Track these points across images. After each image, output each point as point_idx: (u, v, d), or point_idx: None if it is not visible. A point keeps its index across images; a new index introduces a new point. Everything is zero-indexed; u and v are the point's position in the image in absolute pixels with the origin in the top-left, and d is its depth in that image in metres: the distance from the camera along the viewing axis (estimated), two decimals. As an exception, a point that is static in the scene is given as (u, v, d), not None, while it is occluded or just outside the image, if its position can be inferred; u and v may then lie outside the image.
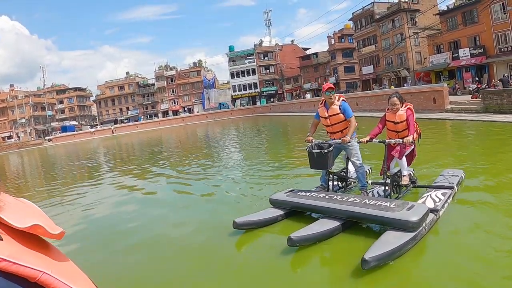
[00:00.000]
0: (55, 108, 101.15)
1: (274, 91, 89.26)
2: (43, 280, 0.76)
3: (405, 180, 6.75)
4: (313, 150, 6.83)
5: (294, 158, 15.00)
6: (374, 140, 6.84)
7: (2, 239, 0.74)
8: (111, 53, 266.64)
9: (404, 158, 6.77)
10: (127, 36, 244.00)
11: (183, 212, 8.81)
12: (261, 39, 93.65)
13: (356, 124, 6.99)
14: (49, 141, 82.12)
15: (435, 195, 6.37)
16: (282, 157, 15.86)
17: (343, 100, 6.98)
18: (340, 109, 6.88)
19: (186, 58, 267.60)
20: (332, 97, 6.93)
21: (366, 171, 7.26)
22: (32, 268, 0.74)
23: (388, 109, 6.89)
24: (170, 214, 8.87)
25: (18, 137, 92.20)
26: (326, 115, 7.00)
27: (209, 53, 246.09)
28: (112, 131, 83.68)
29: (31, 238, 0.83)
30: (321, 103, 7.19)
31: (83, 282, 0.87)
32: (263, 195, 8.69)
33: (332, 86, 7.06)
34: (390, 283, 4.38)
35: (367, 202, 5.73)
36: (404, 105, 6.75)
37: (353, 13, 66.02)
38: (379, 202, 5.66)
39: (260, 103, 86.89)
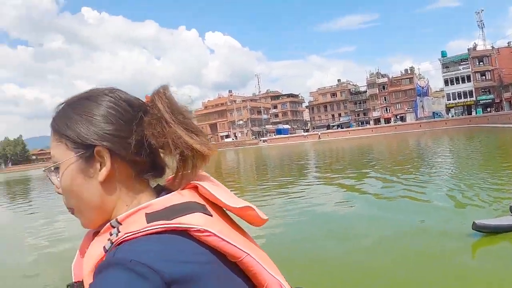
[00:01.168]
0: (270, 112, 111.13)
1: (491, 100, 79.71)
2: (246, 261, 0.76)
3: None
4: None
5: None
6: None
7: (212, 215, 0.77)
8: (317, 62, 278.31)
9: None
10: (329, 46, 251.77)
11: (418, 213, 8.81)
12: (474, 43, 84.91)
13: None
14: (264, 142, 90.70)
15: None
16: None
17: None
18: None
19: (393, 65, 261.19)
20: None
21: None
22: (239, 248, 0.75)
23: None
24: (403, 213, 9.02)
25: (236, 136, 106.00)
26: None
27: (416, 60, 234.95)
28: (319, 136, 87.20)
29: (230, 222, 0.85)
30: None
31: (277, 272, 0.86)
32: (500, 202, 8.49)
33: None
34: None
35: None
36: None
37: None
38: None
39: (476, 113, 78.43)
